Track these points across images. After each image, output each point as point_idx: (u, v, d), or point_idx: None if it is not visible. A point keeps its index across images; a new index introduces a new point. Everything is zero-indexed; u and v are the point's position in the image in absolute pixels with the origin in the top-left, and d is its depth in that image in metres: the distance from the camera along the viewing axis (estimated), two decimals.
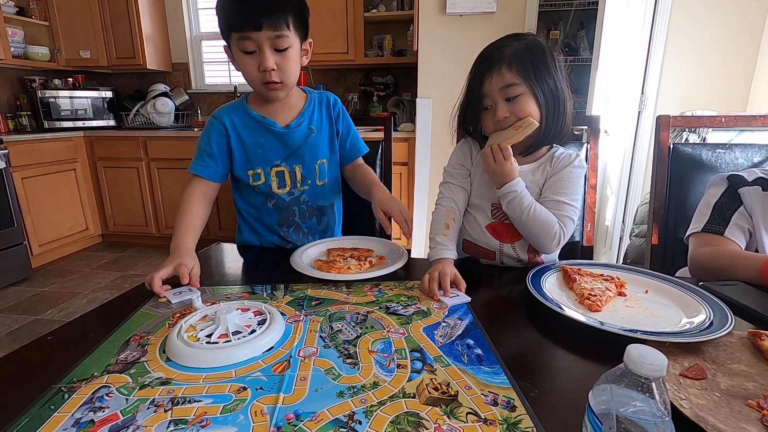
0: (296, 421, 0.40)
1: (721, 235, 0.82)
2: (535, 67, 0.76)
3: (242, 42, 0.81)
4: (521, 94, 0.77)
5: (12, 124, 2.99)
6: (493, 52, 0.79)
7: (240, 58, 0.84)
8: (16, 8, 2.88)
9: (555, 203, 0.78)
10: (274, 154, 0.94)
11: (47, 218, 2.72)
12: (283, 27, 0.81)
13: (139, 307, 0.65)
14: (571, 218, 0.78)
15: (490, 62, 0.77)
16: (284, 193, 0.97)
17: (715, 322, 0.55)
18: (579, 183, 0.81)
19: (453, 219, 0.84)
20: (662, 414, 0.30)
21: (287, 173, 0.96)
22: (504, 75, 0.76)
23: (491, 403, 0.42)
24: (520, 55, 0.76)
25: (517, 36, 0.79)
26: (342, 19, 2.73)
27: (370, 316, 0.61)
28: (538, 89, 0.76)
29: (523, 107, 0.77)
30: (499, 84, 0.77)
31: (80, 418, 0.41)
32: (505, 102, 0.78)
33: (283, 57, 0.84)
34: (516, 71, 0.76)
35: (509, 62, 0.76)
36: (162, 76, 3.39)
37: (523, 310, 0.66)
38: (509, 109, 0.78)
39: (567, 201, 0.78)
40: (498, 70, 0.76)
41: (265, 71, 0.83)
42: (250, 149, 0.94)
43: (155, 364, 0.50)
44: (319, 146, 0.98)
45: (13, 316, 2.11)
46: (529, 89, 0.76)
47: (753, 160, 1.03)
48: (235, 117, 0.94)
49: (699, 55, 2.22)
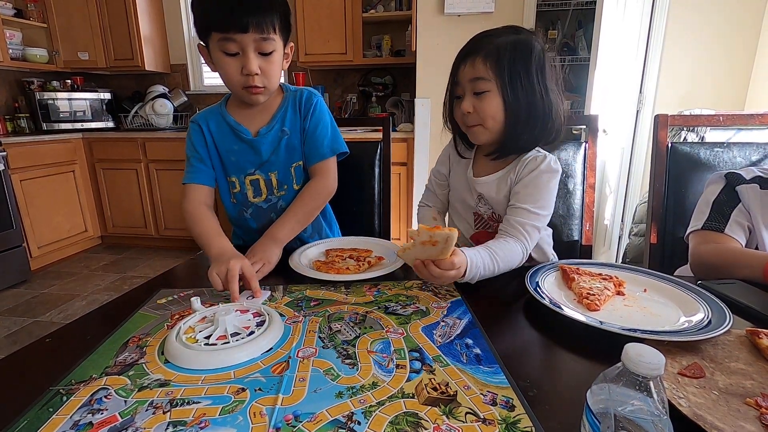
0: (295, 422, 0.40)
1: (721, 233, 0.82)
2: (512, 67, 0.71)
3: (224, 43, 0.76)
4: (488, 91, 0.72)
5: (10, 126, 2.99)
6: (479, 38, 0.74)
7: (220, 60, 0.78)
8: (14, 10, 2.88)
9: (519, 211, 0.74)
10: (247, 162, 0.91)
11: (46, 220, 2.71)
12: (270, 30, 0.77)
13: (138, 308, 0.65)
14: (536, 227, 0.74)
15: (471, 49, 0.73)
16: (261, 200, 0.94)
17: (713, 320, 0.55)
18: (546, 187, 0.75)
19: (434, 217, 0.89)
20: (660, 413, 0.30)
21: (262, 181, 0.92)
22: (477, 66, 0.71)
23: (490, 403, 0.42)
24: (501, 50, 0.71)
25: (514, 30, 0.75)
26: (340, 19, 2.74)
27: (369, 317, 0.61)
28: (509, 91, 0.71)
29: (486, 106, 0.72)
30: (471, 74, 0.72)
31: (79, 420, 0.41)
32: (473, 95, 0.73)
33: (267, 61, 0.80)
34: (489, 65, 0.71)
35: (486, 54, 0.71)
36: (160, 77, 3.39)
37: (521, 309, 0.65)
38: (474, 104, 0.73)
39: (532, 209, 0.73)
40: (473, 59, 0.72)
41: (248, 75, 0.79)
42: (224, 156, 0.91)
43: (154, 365, 0.50)
44: (295, 148, 0.93)
45: (12, 318, 2.11)
46: (497, 88, 0.71)
47: (751, 158, 1.03)
48: (211, 122, 0.91)
49: (697, 55, 2.22)
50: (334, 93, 3.23)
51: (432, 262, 0.58)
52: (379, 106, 3.08)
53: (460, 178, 0.89)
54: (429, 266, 0.59)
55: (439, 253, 0.56)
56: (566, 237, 1.06)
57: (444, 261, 0.57)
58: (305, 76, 3.12)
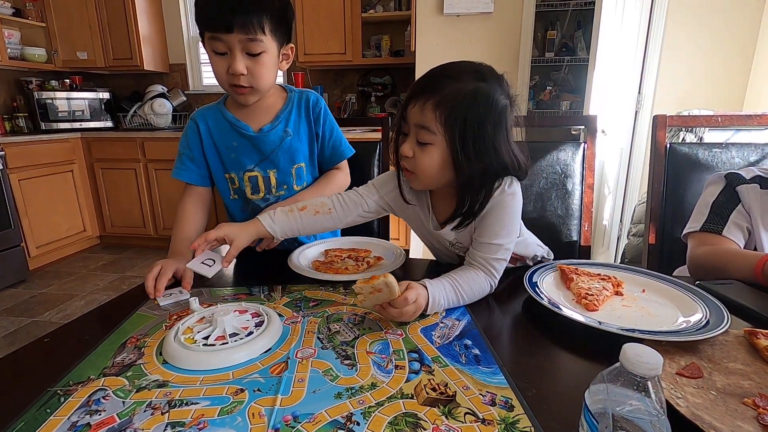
0: (294, 422, 0.40)
1: (719, 234, 0.82)
2: (464, 125, 0.60)
3: (213, 42, 0.77)
4: (432, 144, 0.62)
5: (9, 126, 2.98)
6: (438, 76, 0.62)
7: (211, 58, 0.80)
8: (12, 9, 2.87)
9: (482, 246, 0.68)
10: (247, 158, 0.91)
11: (44, 220, 2.71)
12: (257, 31, 0.76)
13: (136, 309, 0.65)
14: (501, 259, 0.68)
15: (426, 86, 0.62)
16: (258, 199, 0.94)
17: (711, 320, 0.55)
18: (507, 214, 0.67)
19: (316, 210, 0.72)
20: (658, 413, 0.30)
21: (261, 178, 0.93)
22: (426, 113, 0.61)
23: (489, 403, 0.42)
24: (457, 101, 0.59)
25: (480, 75, 0.62)
26: (339, 19, 2.73)
27: (368, 317, 0.61)
28: (459, 152, 0.61)
29: (426, 159, 0.63)
30: (418, 119, 0.62)
31: (76, 421, 0.41)
32: (416, 141, 0.63)
33: (255, 62, 0.79)
34: (439, 116, 0.60)
35: (439, 101, 0.60)
36: (159, 77, 3.38)
37: (520, 309, 0.66)
38: (414, 150, 0.64)
39: (494, 242, 0.67)
40: (423, 102, 0.61)
41: (234, 74, 0.79)
42: (224, 153, 0.92)
43: (152, 366, 0.50)
44: (298, 149, 0.93)
45: (11, 318, 2.10)
46: (444, 143, 0.61)
47: (749, 159, 1.03)
48: (210, 119, 0.92)
49: (696, 55, 2.23)
50: (333, 93, 3.23)
51: (389, 304, 0.57)
52: (379, 106, 3.08)
53: (420, 228, 0.79)
54: (387, 308, 0.57)
55: (390, 296, 0.56)
56: (565, 237, 1.06)
57: (397, 300, 0.57)
58: (304, 76, 3.11)
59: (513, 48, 2.44)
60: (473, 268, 0.68)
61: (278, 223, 0.73)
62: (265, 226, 0.72)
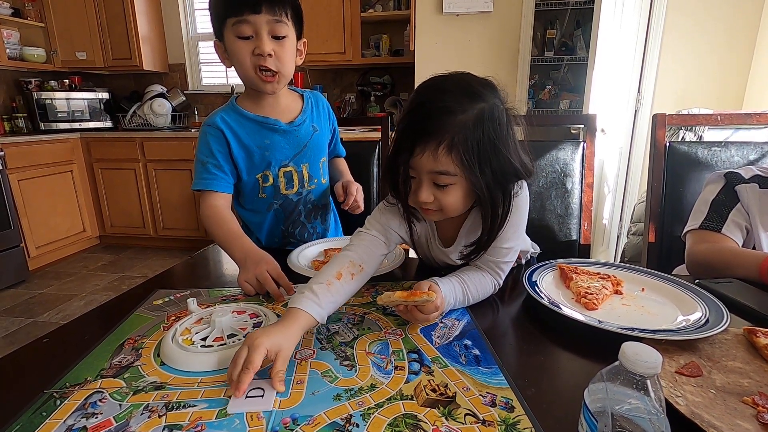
0: (293, 425, 0.40)
1: (718, 232, 0.82)
2: (482, 151, 0.58)
3: (239, 27, 0.78)
4: (453, 183, 0.60)
5: (8, 126, 2.98)
6: (432, 115, 0.57)
7: (233, 45, 0.80)
8: (11, 9, 2.86)
9: (497, 251, 0.67)
10: (282, 153, 0.91)
11: (44, 220, 2.70)
12: (282, 14, 0.79)
13: (134, 310, 0.65)
14: (509, 261, 0.68)
15: (428, 131, 0.57)
16: (292, 193, 0.95)
17: (710, 319, 0.55)
18: (519, 217, 0.67)
19: (351, 272, 0.62)
20: (657, 411, 0.30)
21: (295, 173, 0.94)
22: (440, 159, 0.57)
23: (489, 404, 0.42)
24: (468, 134, 0.57)
25: (471, 95, 0.58)
26: (338, 18, 2.73)
27: (367, 318, 0.61)
28: (480, 180, 0.59)
29: (451, 198, 0.61)
30: (431, 166, 0.58)
31: (73, 424, 0.40)
32: (433, 185, 0.61)
33: (280, 45, 0.81)
34: (455, 157, 0.57)
35: (450, 144, 0.56)
36: (159, 77, 3.38)
37: (520, 309, 0.66)
38: (434, 194, 0.61)
39: (508, 246, 0.67)
40: (434, 148, 0.57)
41: (260, 55, 0.79)
42: (256, 152, 0.89)
43: (150, 368, 0.50)
44: (321, 145, 0.98)
45: (10, 318, 2.10)
46: (465, 179, 0.60)
47: (749, 157, 1.03)
48: (231, 121, 0.88)
49: (695, 54, 2.23)
50: (332, 92, 3.22)
51: (415, 308, 0.57)
52: (378, 106, 3.08)
53: (422, 246, 0.78)
54: (413, 312, 0.57)
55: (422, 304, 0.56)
56: (564, 236, 1.06)
57: (427, 307, 0.56)
58: (304, 76, 3.11)
59: (512, 47, 2.44)
60: (481, 270, 0.68)
61: (325, 306, 0.57)
62: (314, 316, 0.55)
